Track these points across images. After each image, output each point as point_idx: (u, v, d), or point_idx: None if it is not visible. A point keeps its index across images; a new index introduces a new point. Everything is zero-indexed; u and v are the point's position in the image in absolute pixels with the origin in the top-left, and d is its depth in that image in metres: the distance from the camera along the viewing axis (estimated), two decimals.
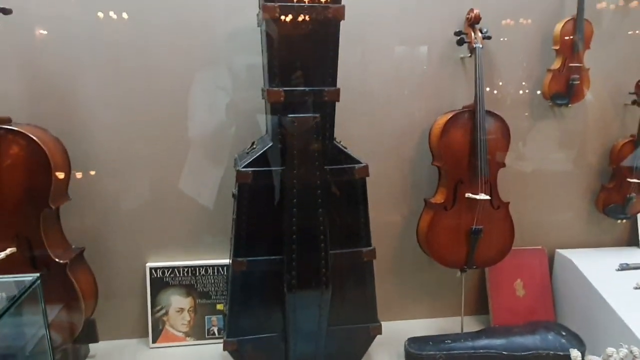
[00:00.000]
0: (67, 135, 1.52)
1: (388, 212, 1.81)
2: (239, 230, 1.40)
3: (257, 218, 1.39)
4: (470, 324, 1.85)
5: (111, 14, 1.52)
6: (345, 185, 1.42)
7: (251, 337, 1.43)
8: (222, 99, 1.64)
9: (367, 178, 1.44)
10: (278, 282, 1.40)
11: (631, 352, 1.24)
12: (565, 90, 1.75)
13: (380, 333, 1.51)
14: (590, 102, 1.83)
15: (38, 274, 1.01)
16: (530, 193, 1.89)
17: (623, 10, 1.82)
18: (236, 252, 1.40)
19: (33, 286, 0.97)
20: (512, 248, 1.73)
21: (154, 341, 1.71)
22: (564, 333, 1.64)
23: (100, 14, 1.51)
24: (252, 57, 1.53)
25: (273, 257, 1.40)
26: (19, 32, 1.48)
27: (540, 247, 1.91)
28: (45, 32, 1.50)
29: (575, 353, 1.31)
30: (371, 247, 1.47)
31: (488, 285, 1.85)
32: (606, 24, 1.81)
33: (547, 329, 1.66)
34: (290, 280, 1.37)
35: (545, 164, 1.89)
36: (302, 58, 1.33)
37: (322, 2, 1.28)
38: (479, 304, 1.92)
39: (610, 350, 1.27)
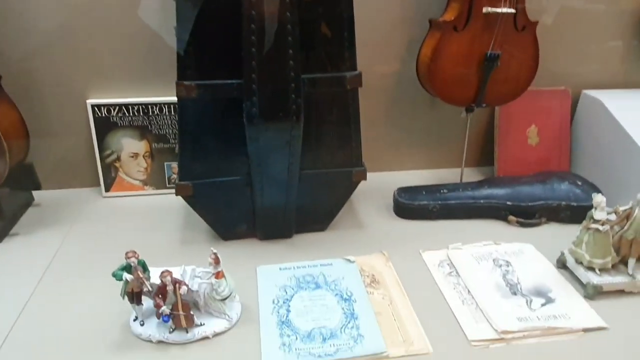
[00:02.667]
0: None
1: (383, 40, 1.46)
2: (184, 43, 1.06)
3: (207, 28, 1.05)
4: (472, 176, 1.62)
5: None
6: None
7: (209, 180, 1.19)
8: None
9: None
10: (239, 113, 1.11)
11: None
12: None
13: (365, 179, 1.26)
14: None
15: None
16: (555, 20, 1.50)
17: None
18: (182, 73, 1.09)
19: None
20: (529, 89, 1.42)
21: (107, 190, 1.49)
22: (579, 183, 1.41)
23: None
24: None
25: (231, 80, 1.09)
26: None
27: (563, 87, 1.59)
28: None
29: (599, 198, 1.07)
30: (357, 72, 1.15)
31: (496, 131, 1.58)
32: None
33: (561, 178, 1.43)
34: (251, 108, 1.08)
35: None
36: None
37: None
38: (484, 156, 1.67)
39: None
